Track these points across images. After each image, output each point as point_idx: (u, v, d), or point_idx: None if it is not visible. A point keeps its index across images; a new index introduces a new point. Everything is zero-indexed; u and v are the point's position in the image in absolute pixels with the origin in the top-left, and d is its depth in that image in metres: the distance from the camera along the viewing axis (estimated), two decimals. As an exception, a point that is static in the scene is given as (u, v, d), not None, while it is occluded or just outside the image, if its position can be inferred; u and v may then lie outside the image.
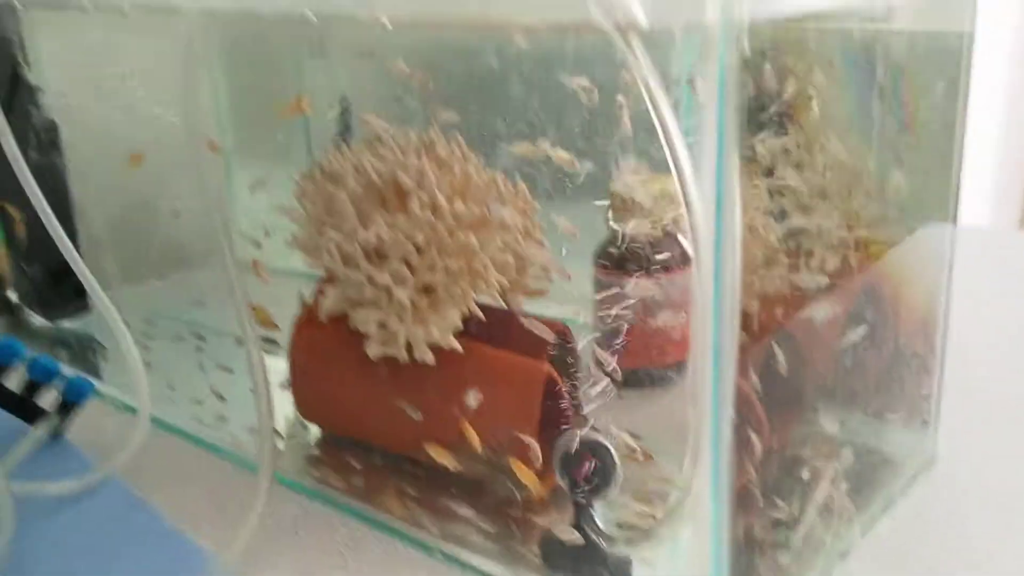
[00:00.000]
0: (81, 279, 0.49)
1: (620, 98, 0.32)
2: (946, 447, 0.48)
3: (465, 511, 0.43)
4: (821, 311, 0.39)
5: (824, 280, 0.39)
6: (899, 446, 0.47)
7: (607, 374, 0.38)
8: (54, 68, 0.57)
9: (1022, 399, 0.55)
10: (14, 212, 0.60)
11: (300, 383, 0.48)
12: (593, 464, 0.38)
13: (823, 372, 0.41)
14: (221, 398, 0.52)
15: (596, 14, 0.28)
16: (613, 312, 0.40)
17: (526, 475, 0.40)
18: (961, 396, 0.50)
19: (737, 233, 0.31)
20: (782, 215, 0.41)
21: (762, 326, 0.36)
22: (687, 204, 0.30)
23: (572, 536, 0.38)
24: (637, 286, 0.42)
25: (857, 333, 0.41)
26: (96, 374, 0.59)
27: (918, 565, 0.41)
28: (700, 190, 0.30)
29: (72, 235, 0.52)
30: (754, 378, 0.35)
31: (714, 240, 0.30)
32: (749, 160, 0.33)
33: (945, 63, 0.43)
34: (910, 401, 0.47)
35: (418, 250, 0.41)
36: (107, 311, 0.49)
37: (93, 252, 0.56)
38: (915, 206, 0.45)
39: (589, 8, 0.28)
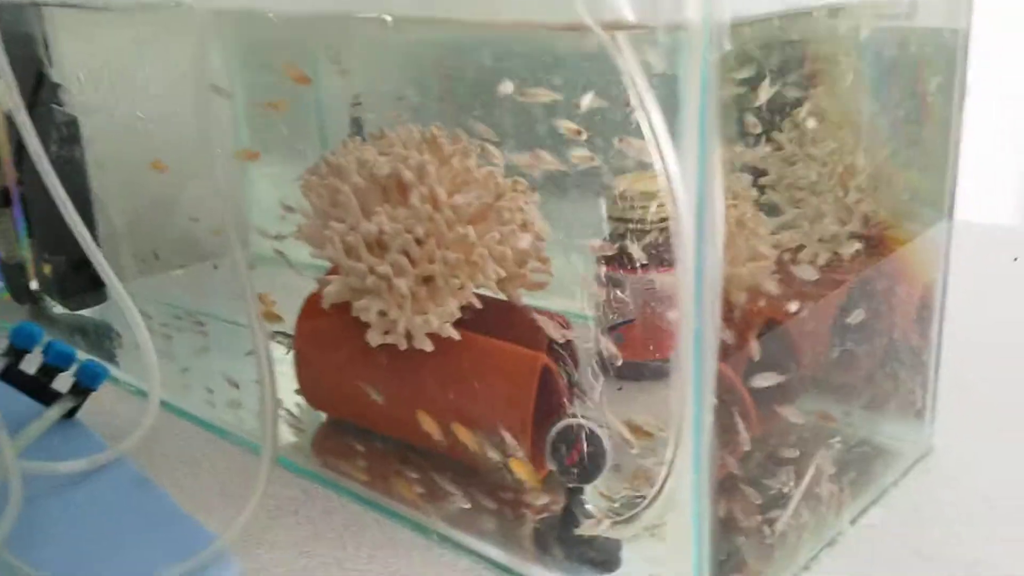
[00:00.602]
0: (98, 269, 0.51)
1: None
2: (943, 439, 0.49)
3: (462, 495, 0.44)
4: (813, 303, 0.40)
5: (814, 274, 0.39)
6: (894, 437, 0.48)
7: (604, 364, 0.39)
8: (76, 65, 0.58)
9: (1020, 393, 0.55)
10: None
11: (304, 369, 0.49)
12: (582, 449, 0.39)
13: (814, 362, 0.42)
14: (235, 385, 0.53)
15: (583, 13, 0.29)
16: (606, 303, 0.41)
17: (520, 463, 0.42)
18: (959, 389, 0.50)
19: (719, 224, 0.31)
20: (773, 209, 0.42)
21: (750, 317, 0.36)
22: (672, 198, 0.31)
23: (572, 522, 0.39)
24: (632, 281, 0.43)
25: (851, 324, 0.42)
26: (113, 361, 0.60)
27: (906, 552, 0.41)
28: (684, 185, 0.31)
29: (91, 226, 0.54)
30: (742, 366, 0.35)
31: (695, 231, 0.31)
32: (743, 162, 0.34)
33: (943, 60, 0.44)
34: (905, 393, 0.48)
35: (418, 242, 0.42)
36: (122, 299, 0.51)
37: (111, 243, 0.58)
38: (914, 200, 0.46)
39: (576, 7, 0.29)
